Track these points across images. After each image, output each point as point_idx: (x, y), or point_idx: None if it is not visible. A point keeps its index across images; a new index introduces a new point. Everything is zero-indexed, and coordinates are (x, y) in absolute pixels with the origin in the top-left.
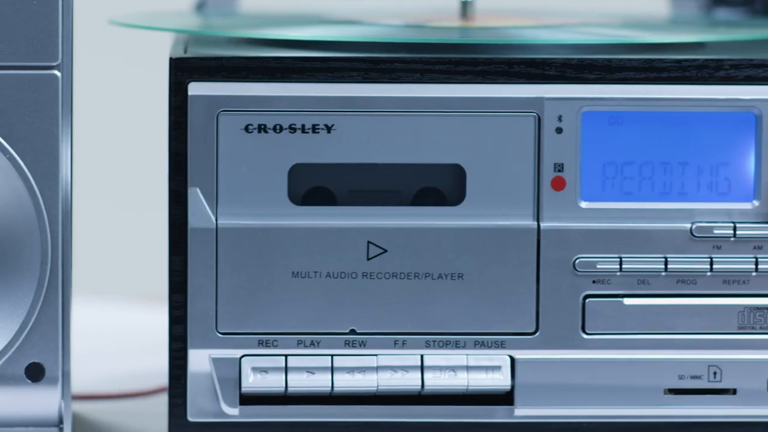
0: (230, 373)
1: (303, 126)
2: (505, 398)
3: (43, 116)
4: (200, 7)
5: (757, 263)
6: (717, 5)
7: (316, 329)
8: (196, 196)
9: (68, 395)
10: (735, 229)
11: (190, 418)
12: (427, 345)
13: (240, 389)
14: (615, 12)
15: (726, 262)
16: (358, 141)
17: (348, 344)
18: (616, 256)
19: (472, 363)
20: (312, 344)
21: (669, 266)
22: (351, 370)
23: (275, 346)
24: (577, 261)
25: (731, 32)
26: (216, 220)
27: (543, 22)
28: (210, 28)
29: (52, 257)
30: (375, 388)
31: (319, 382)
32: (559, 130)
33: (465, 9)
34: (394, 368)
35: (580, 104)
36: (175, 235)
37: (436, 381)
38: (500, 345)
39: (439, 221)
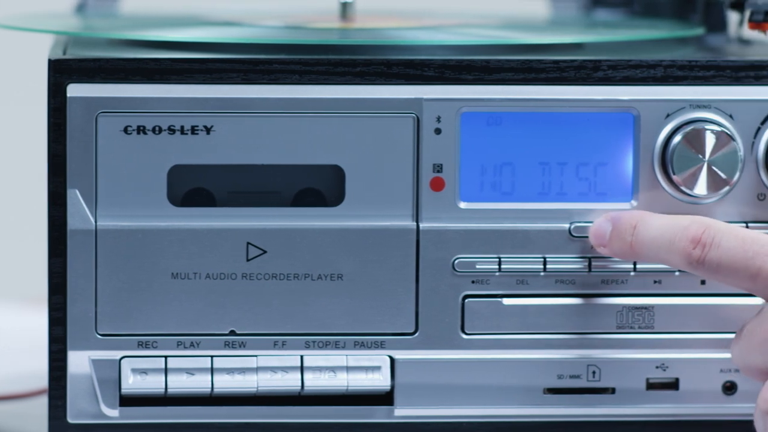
0: (110, 374)
1: (182, 127)
2: (384, 398)
3: None
4: (80, 9)
5: (635, 263)
6: (596, 6)
7: (195, 330)
8: (75, 198)
9: None
10: None
11: (70, 420)
12: (307, 346)
13: (120, 390)
14: (495, 13)
15: (604, 262)
16: (237, 142)
17: (228, 345)
18: (495, 256)
19: (351, 363)
20: (192, 345)
21: (548, 266)
22: (231, 371)
23: (155, 348)
24: (456, 261)
25: (610, 33)
26: (95, 222)
27: (422, 23)
28: (90, 30)
29: None
30: (255, 389)
31: (199, 383)
32: (437, 131)
33: (345, 10)
34: (273, 369)
35: (458, 105)
36: (55, 237)
37: (315, 381)
38: (380, 345)
39: (319, 222)
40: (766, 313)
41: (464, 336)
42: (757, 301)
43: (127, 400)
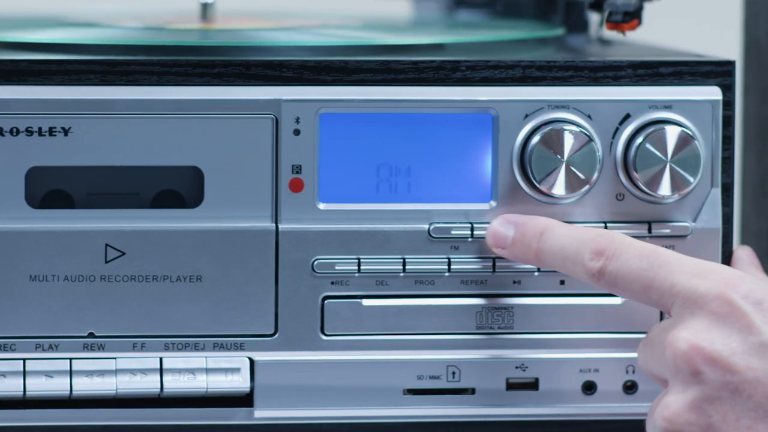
0: None
1: (40, 129)
2: (244, 400)
3: None
4: None
5: (494, 263)
6: (459, 7)
7: (54, 333)
8: None
9: None
10: (472, 229)
11: None
12: (166, 348)
13: None
14: (356, 14)
15: (463, 263)
16: (95, 144)
17: (86, 347)
18: (355, 257)
19: (211, 365)
20: (50, 348)
21: (407, 267)
22: (90, 373)
23: (13, 350)
24: (315, 262)
25: (471, 34)
26: None
27: (282, 24)
28: None
29: None
30: (114, 392)
31: (58, 386)
32: (296, 132)
33: (205, 11)
34: (133, 371)
35: (317, 106)
36: None
37: (175, 383)
38: (239, 347)
39: (178, 224)
40: (666, 325)
41: (324, 337)
42: (615, 300)
43: None
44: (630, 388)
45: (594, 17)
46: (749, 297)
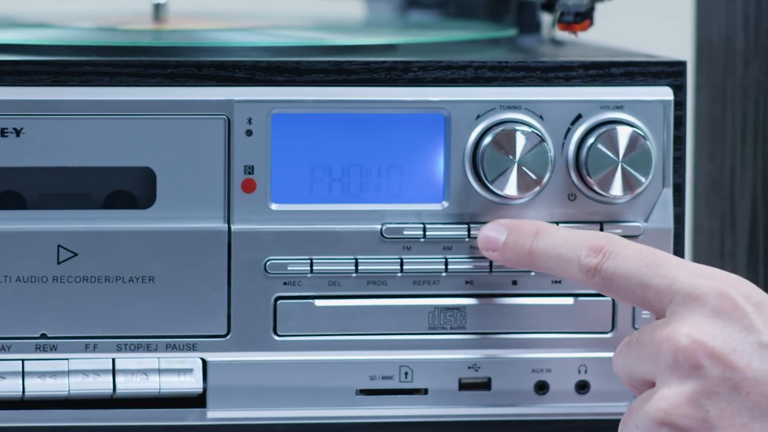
0: None
1: None
2: (197, 401)
3: None
4: None
5: (446, 264)
6: (411, 8)
7: (5, 334)
8: None
9: None
10: (425, 230)
11: None
12: (119, 348)
13: None
14: (308, 14)
15: (416, 263)
16: (48, 144)
17: (39, 348)
18: (307, 257)
19: (164, 366)
20: (2, 349)
21: (360, 267)
22: (42, 374)
23: None
24: (268, 263)
25: (423, 34)
26: None
27: (234, 24)
28: None
29: None
30: (67, 393)
31: (10, 387)
32: (249, 133)
33: (157, 12)
34: (85, 372)
35: (269, 106)
36: None
37: (128, 384)
38: (192, 348)
39: (130, 224)
40: (659, 324)
41: (276, 338)
42: (567, 301)
43: None
44: (582, 388)
45: (546, 18)
46: (750, 298)
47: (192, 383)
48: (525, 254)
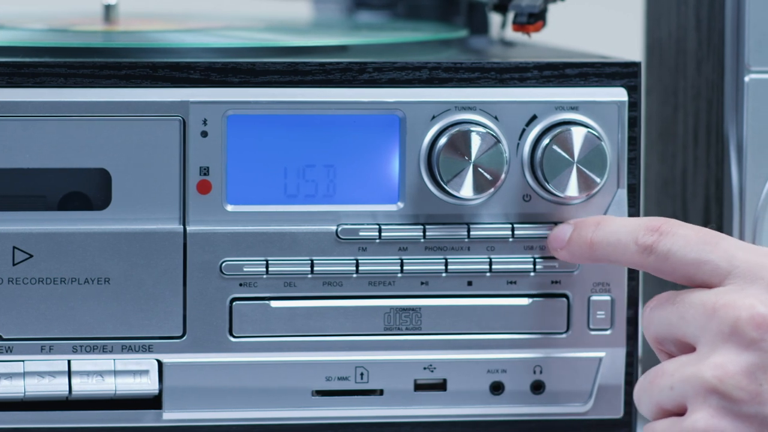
0: None
1: None
2: (153, 402)
3: None
4: None
5: (402, 264)
6: (359, 8)
7: None
8: None
9: None
10: (380, 230)
11: None
12: (74, 350)
13: None
14: (258, 15)
15: (372, 264)
16: (1, 146)
17: None
18: (263, 258)
19: (119, 367)
20: None
21: (315, 268)
22: None
23: None
24: (223, 264)
25: (374, 35)
26: None
27: (187, 25)
28: None
29: None
30: (22, 394)
31: None
32: (204, 134)
33: (108, 13)
34: (41, 374)
35: (225, 108)
36: None
37: (83, 386)
38: (147, 349)
39: (85, 226)
40: (715, 291)
41: (232, 339)
42: (522, 301)
43: None
44: (537, 388)
45: (496, 19)
46: None
47: (148, 385)
48: (587, 246)
